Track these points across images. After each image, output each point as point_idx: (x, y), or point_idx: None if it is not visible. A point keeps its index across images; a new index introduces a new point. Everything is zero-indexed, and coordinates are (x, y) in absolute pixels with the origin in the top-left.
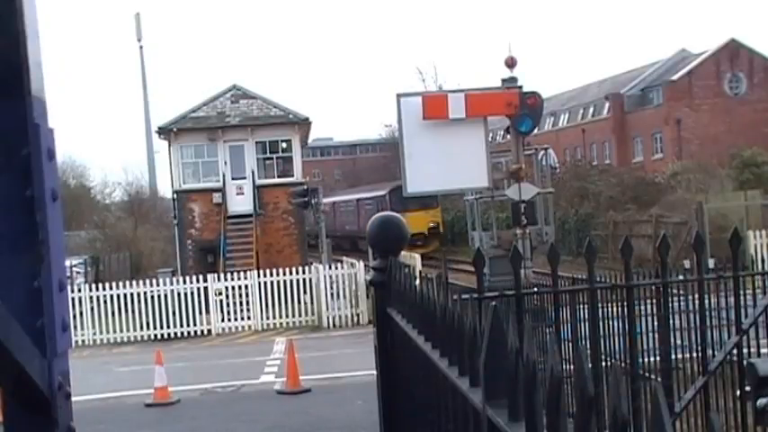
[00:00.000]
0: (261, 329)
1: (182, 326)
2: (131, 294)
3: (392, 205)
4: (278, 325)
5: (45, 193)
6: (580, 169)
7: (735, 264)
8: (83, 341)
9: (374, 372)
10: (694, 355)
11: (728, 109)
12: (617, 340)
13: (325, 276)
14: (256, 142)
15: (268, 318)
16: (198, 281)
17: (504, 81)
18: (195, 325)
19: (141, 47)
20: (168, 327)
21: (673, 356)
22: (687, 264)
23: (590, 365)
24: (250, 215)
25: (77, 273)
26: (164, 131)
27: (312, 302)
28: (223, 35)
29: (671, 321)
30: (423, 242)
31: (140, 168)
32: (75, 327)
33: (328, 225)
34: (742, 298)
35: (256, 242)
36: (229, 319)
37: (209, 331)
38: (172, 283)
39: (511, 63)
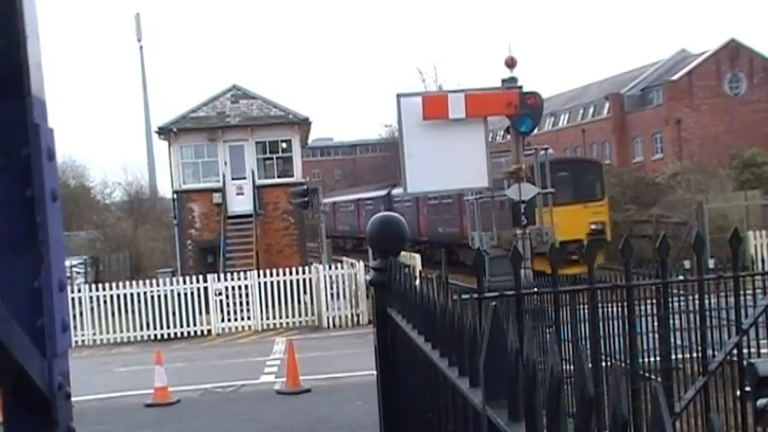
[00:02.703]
0: (261, 329)
1: (182, 326)
2: (131, 294)
3: None
4: (278, 325)
5: (45, 194)
6: None
7: (735, 264)
8: (83, 341)
9: (374, 372)
10: (694, 355)
11: (728, 109)
12: (617, 340)
13: (325, 276)
14: (256, 142)
15: (268, 318)
16: (198, 281)
17: (504, 81)
18: (195, 325)
19: (141, 47)
20: (168, 327)
21: (673, 356)
22: (687, 264)
23: (590, 365)
24: (250, 215)
25: (77, 273)
26: (164, 131)
27: (312, 303)
28: (223, 35)
29: (671, 321)
30: (580, 253)
31: (140, 168)
32: (75, 327)
33: (410, 225)
34: (742, 298)
35: (256, 242)
36: (229, 320)
37: (209, 331)
38: (172, 284)
39: (511, 63)
